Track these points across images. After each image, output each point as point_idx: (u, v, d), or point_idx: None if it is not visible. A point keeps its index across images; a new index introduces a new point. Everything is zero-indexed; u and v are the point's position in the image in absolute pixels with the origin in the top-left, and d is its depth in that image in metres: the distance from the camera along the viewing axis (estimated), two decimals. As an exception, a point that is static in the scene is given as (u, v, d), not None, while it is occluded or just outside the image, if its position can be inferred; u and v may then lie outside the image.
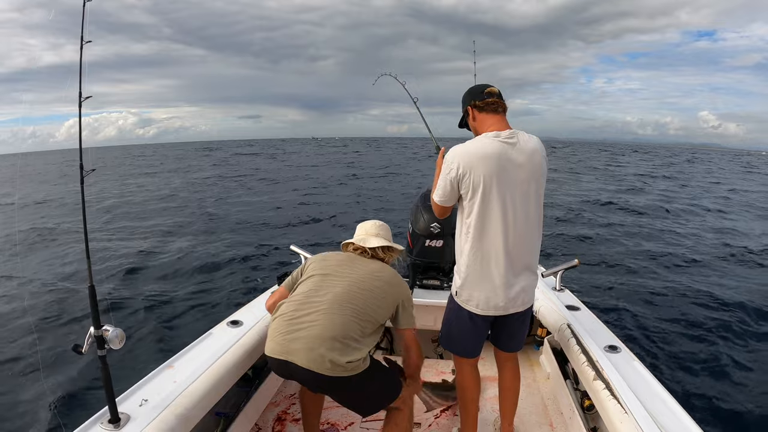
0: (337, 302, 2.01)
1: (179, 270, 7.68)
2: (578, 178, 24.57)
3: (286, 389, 3.07)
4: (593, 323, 2.82)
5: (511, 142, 2.05)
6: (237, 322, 2.69)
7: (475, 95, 2.18)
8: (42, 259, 8.69)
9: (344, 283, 2.11)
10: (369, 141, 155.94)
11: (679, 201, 16.56)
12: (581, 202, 15.34)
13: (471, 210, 2.08)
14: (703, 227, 11.86)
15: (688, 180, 25.84)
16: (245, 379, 2.63)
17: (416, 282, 3.52)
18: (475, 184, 2.03)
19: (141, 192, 19.45)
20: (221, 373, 2.21)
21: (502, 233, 2.06)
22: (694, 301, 6.31)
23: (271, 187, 20.30)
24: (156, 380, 2.06)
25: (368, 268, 2.22)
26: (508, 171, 2.03)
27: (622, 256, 8.55)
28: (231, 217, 12.72)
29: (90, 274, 1.74)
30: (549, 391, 3.02)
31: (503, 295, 2.14)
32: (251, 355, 2.49)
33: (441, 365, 3.41)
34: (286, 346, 1.93)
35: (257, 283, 6.83)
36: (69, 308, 5.94)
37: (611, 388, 2.13)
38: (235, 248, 8.90)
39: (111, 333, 1.71)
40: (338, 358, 1.87)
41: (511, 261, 2.10)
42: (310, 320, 1.96)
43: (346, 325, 1.96)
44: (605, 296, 6.39)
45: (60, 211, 14.49)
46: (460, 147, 2.09)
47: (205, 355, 2.30)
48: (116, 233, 10.74)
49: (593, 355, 2.40)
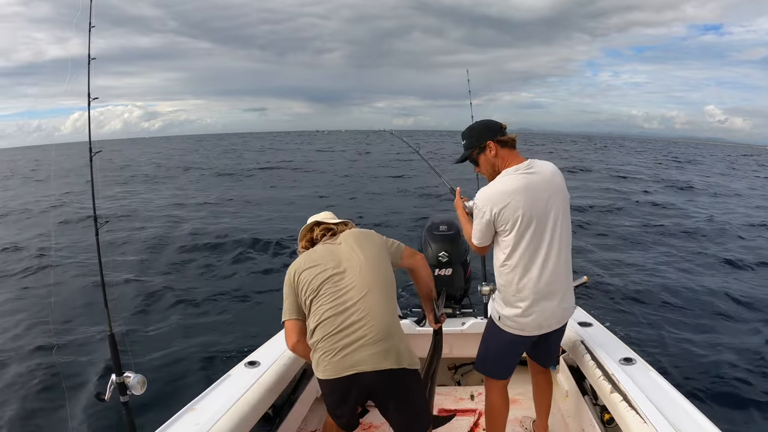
0: (366, 292, 2.03)
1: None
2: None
3: (306, 426, 3.07)
4: (607, 337, 2.83)
5: (531, 171, 2.22)
6: (254, 362, 2.72)
7: (496, 131, 2.29)
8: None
9: (355, 271, 2.09)
10: (378, 134, 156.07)
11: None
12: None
13: (509, 242, 2.23)
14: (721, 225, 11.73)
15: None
16: (266, 419, 2.64)
17: None
18: (511, 220, 2.18)
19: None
20: (243, 413, 2.23)
21: (542, 259, 2.21)
22: (715, 307, 6.23)
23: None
24: (178, 423, 2.09)
25: (350, 242, 2.21)
26: (537, 200, 2.18)
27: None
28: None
29: (109, 322, 1.80)
30: (569, 409, 3.01)
31: (546, 315, 2.28)
32: (271, 395, 2.52)
33: (459, 392, 3.40)
34: (349, 359, 1.96)
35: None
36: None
37: (629, 399, 2.13)
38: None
39: (132, 379, 1.76)
40: (398, 344, 2.00)
41: (550, 283, 2.23)
42: (358, 326, 1.97)
43: (386, 306, 2.04)
44: (619, 310, 6.34)
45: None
46: (487, 189, 2.25)
47: (226, 397, 2.32)
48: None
49: (608, 369, 2.41)
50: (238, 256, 9.47)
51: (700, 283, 7.34)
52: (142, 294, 8.38)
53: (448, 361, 3.71)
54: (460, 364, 3.72)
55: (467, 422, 3.01)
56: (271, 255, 9.56)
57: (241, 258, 9.38)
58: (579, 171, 25.44)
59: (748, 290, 7.07)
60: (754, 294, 6.88)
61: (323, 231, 2.31)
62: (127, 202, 16.19)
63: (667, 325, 5.80)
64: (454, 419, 3.02)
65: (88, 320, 7.05)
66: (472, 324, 3.29)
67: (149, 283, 9.26)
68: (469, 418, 3.06)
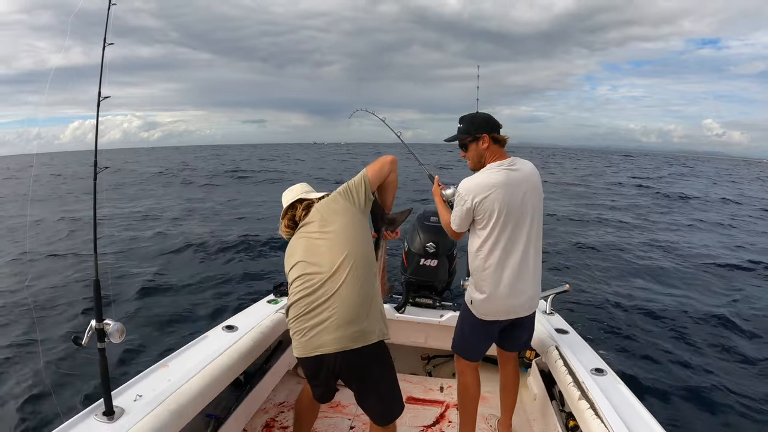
0: (333, 272, 2.01)
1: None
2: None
3: (276, 397, 3.11)
4: (581, 346, 2.87)
5: (513, 168, 2.37)
6: (232, 327, 2.75)
7: (494, 127, 2.43)
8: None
9: (323, 250, 2.08)
10: (376, 146, 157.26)
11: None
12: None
13: (485, 232, 2.37)
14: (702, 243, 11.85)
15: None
16: (237, 384, 2.68)
17: (409, 299, 3.58)
18: (489, 211, 2.33)
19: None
20: (214, 375, 2.26)
21: (513, 249, 2.37)
22: (692, 323, 6.31)
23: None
24: (151, 377, 2.12)
25: (317, 221, 2.17)
26: (514, 194, 2.34)
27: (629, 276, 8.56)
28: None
29: (96, 267, 1.81)
30: (535, 412, 3.06)
31: (514, 303, 2.43)
32: (244, 360, 2.55)
33: (429, 382, 3.45)
34: (315, 341, 1.99)
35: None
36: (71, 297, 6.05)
37: (596, 408, 2.17)
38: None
39: (112, 327, 1.77)
40: (366, 324, 1.99)
41: (520, 272, 2.39)
42: (323, 307, 1.99)
43: (352, 286, 2.00)
44: (597, 318, 6.42)
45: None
46: (470, 180, 2.39)
47: (199, 357, 2.35)
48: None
49: (579, 377, 2.45)
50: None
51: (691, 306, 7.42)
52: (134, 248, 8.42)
53: (421, 351, 3.75)
54: (433, 356, 3.76)
55: (434, 413, 3.06)
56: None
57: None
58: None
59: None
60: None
61: (305, 208, 2.25)
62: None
63: (643, 337, 5.88)
64: (422, 408, 3.07)
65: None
66: (450, 317, 3.32)
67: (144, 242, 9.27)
68: (436, 408, 3.10)
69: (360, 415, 2.94)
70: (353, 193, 2.22)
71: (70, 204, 15.80)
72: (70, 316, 5.61)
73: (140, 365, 2.31)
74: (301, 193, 2.33)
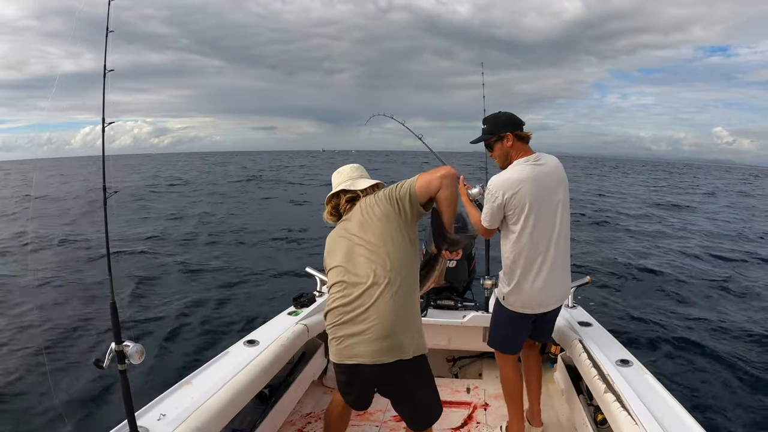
0: (370, 284, 1.95)
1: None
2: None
3: (302, 408, 3.09)
4: (605, 338, 2.82)
5: (539, 163, 2.44)
6: (253, 341, 2.73)
7: (516, 125, 2.48)
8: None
9: (360, 260, 2.00)
10: (387, 153, 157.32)
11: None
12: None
13: (517, 226, 2.42)
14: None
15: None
16: (262, 398, 2.66)
17: (430, 302, 3.54)
18: (520, 206, 2.38)
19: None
20: (237, 389, 2.24)
21: (546, 242, 2.42)
22: (716, 318, 6.20)
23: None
24: (174, 396, 2.11)
25: (356, 222, 2.07)
26: (543, 189, 2.40)
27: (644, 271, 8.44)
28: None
29: (112, 290, 1.81)
30: (564, 408, 3.01)
31: (547, 294, 2.49)
32: (266, 374, 2.53)
33: (455, 384, 3.41)
34: (350, 350, 1.97)
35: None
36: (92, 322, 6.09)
37: (622, 400, 2.12)
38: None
39: (131, 348, 1.76)
40: (402, 338, 1.94)
41: (552, 266, 2.44)
42: (361, 318, 1.95)
43: (389, 300, 1.94)
44: (621, 311, 6.33)
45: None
46: (499, 177, 2.44)
47: (222, 373, 2.34)
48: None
49: (604, 369, 2.40)
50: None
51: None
52: (148, 268, 8.49)
53: (446, 353, 3.71)
54: (458, 357, 3.72)
55: (462, 414, 3.02)
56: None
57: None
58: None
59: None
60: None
61: (350, 200, 2.16)
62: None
63: (669, 328, 5.78)
64: (449, 411, 3.03)
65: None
66: (473, 317, 3.28)
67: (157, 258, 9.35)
68: (463, 410, 3.06)
69: (387, 422, 2.92)
70: (398, 200, 2.03)
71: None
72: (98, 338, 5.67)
73: (163, 384, 2.30)
74: (347, 180, 2.21)
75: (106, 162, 1.86)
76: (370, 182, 2.21)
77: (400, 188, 2.05)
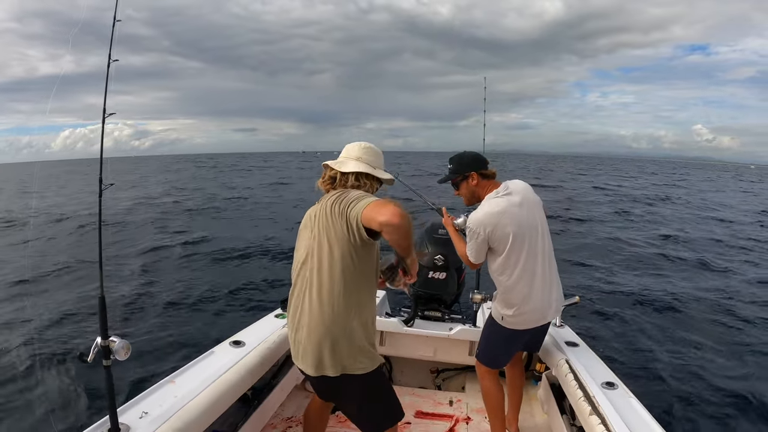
0: (309, 288, 1.91)
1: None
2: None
3: (284, 412, 3.08)
4: (591, 360, 2.83)
5: (508, 192, 2.53)
6: (239, 342, 2.73)
7: (481, 164, 2.61)
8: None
9: (310, 263, 1.92)
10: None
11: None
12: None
13: (504, 256, 2.49)
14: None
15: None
16: (244, 400, 2.65)
17: (417, 313, 3.55)
18: (503, 237, 2.46)
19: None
20: (221, 391, 2.24)
21: (536, 263, 2.50)
22: (705, 339, 6.23)
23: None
24: (157, 394, 2.10)
25: (318, 218, 1.93)
26: (521, 215, 2.48)
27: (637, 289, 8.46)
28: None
29: (101, 284, 1.81)
30: (545, 426, 3.01)
31: (546, 309, 2.58)
32: (252, 376, 2.53)
33: (438, 396, 3.40)
34: (297, 357, 2.01)
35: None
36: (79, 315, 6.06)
37: (606, 423, 2.13)
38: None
39: (117, 344, 1.76)
40: (330, 352, 1.89)
41: (545, 283, 2.54)
42: (299, 325, 1.96)
43: (321, 310, 1.88)
44: (607, 332, 6.34)
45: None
46: (478, 213, 2.51)
47: (207, 373, 2.33)
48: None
49: (590, 391, 2.41)
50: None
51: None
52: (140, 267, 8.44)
53: (431, 365, 3.71)
54: (442, 369, 3.72)
55: (444, 427, 3.01)
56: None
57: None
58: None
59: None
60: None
61: (331, 179, 2.02)
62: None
63: (655, 351, 5.80)
64: (431, 423, 3.03)
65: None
66: (460, 330, 3.28)
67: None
68: (445, 423, 3.06)
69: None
70: (347, 220, 1.82)
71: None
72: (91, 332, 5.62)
73: (147, 382, 2.28)
74: (344, 157, 2.06)
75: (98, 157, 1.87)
76: (358, 168, 2.01)
77: (351, 209, 1.80)
